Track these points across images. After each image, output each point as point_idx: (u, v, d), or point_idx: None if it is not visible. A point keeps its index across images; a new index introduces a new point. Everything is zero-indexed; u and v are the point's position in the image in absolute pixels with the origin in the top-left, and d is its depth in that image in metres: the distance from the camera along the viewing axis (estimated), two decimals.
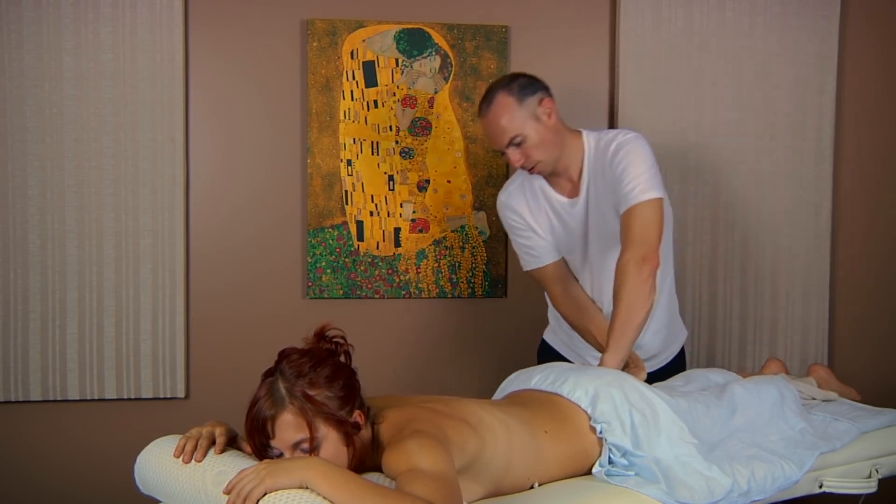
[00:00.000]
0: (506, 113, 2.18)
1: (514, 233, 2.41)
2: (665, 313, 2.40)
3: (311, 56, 2.83)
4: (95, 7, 2.72)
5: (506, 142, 2.20)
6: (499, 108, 2.19)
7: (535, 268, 2.41)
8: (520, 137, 2.19)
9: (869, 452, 2.14)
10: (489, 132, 2.23)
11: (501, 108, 2.19)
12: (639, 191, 2.15)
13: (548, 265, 2.39)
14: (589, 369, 1.98)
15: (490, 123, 2.21)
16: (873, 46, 3.15)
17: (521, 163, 2.22)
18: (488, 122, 2.21)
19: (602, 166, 2.25)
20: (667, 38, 2.99)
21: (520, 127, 2.18)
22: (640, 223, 2.14)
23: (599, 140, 2.28)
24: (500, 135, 2.20)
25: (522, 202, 2.37)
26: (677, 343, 2.51)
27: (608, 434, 1.80)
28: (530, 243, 2.38)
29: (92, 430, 2.82)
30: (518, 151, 2.20)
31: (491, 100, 2.21)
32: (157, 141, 2.77)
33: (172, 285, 2.80)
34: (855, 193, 3.17)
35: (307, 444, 1.49)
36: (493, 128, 2.21)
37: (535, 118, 2.20)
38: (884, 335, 3.21)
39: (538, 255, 2.39)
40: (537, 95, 2.21)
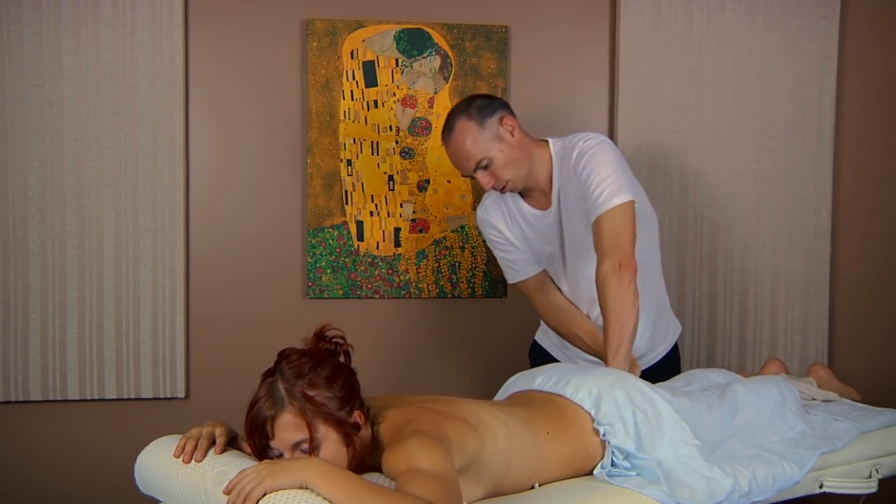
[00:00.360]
0: (468, 138, 2.16)
1: (495, 247, 2.42)
2: (652, 313, 2.39)
3: (311, 56, 2.83)
4: (95, 7, 2.72)
5: (472, 167, 2.18)
6: (460, 134, 2.17)
7: (518, 281, 2.41)
8: (486, 160, 2.17)
9: (869, 452, 2.14)
10: (454, 159, 2.21)
11: (463, 134, 2.17)
12: (605, 197, 2.12)
13: (529, 278, 2.39)
14: (592, 370, 1.97)
15: (454, 151, 2.19)
16: (873, 46, 3.15)
17: (492, 184, 2.20)
18: (452, 149, 2.20)
19: (568, 174, 2.23)
20: (667, 38, 2.99)
21: (484, 150, 2.17)
22: (611, 231, 2.11)
23: (563, 146, 2.26)
24: (465, 161, 2.18)
25: (499, 216, 2.37)
26: (668, 340, 2.50)
27: (611, 436, 1.80)
28: (510, 257, 2.39)
29: (92, 430, 2.82)
30: (486, 174, 2.19)
31: (451, 127, 2.19)
32: (157, 141, 2.77)
33: (172, 285, 2.80)
34: (855, 193, 3.17)
35: (307, 445, 1.49)
36: (457, 154, 2.19)
37: (498, 139, 2.18)
38: (884, 335, 3.21)
39: (519, 269, 2.39)
40: (497, 115, 2.19)
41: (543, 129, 2.99)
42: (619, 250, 2.09)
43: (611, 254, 2.09)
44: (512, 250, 2.38)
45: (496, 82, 2.92)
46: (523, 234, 2.35)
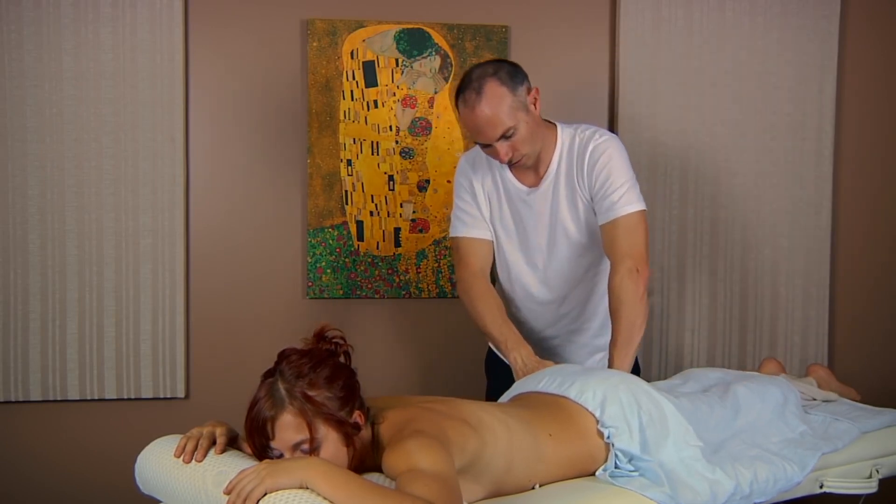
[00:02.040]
0: (499, 104, 2.02)
1: (458, 194, 2.29)
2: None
3: (311, 56, 2.83)
4: (95, 7, 2.72)
5: (498, 135, 2.04)
6: (492, 98, 2.02)
7: (461, 235, 2.28)
8: (512, 130, 2.04)
9: (869, 452, 2.14)
10: (477, 125, 2.04)
11: (494, 99, 2.02)
12: (624, 201, 2.10)
13: (475, 238, 2.27)
14: (596, 371, 1.97)
15: (479, 116, 2.03)
16: (873, 46, 3.15)
17: (509, 156, 2.08)
18: (477, 114, 2.03)
19: (574, 163, 2.16)
20: (667, 38, 2.99)
21: (513, 119, 2.03)
22: (628, 235, 2.09)
23: (574, 136, 2.19)
24: (491, 127, 2.03)
25: (481, 173, 2.26)
26: None
27: (616, 439, 1.79)
28: (468, 210, 2.27)
29: (92, 430, 2.82)
30: (508, 145, 2.06)
31: (481, 90, 2.02)
32: (157, 141, 2.77)
33: (172, 285, 2.80)
34: (855, 193, 3.17)
35: (307, 445, 1.49)
36: (483, 120, 2.03)
37: (525, 109, 2.06)
38: (884, 335, 3.21)
39: (470, 224, 2.27)
40: (525, 84, 2.08)
41: None
42: (635, 255, 2.07)
43: (627, 258, 2.07)
44: (473, 205, 2.26)
45: None
46: (499, 203, 2.25)
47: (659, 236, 3.01)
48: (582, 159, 2.15)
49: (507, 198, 2.24)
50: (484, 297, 2.22)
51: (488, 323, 2.20)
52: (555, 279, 2.27)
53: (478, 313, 2.22)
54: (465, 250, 2.27)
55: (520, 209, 2.23)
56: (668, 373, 3.02)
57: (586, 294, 2.31)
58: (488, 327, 2.21)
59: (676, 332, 3.05)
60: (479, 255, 2.27)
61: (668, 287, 3.03)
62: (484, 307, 2.21)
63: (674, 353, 3.05)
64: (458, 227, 2.29)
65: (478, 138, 2.08)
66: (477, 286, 2.23)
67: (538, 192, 2.20)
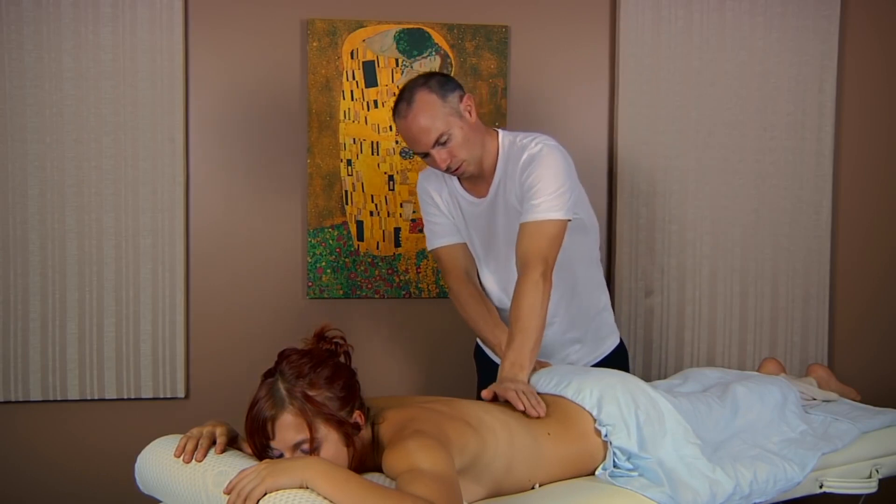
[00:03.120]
0: (430, 111, 2.06)
1: (426, 211, 2.35)
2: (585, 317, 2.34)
3: (311, 56, 2.83)
4: (95, 7, 2.72)
5: (431, 142, 2.07)
6: (421, 106, 2.06)
7: (439, 246, 2.32)
8: (446, 136, 2.07)
9: (869, 452, 2.14)
10: (411, 134, 2.09)
11: (424, 106, 2.06)
12: (545, 207, 2.08)
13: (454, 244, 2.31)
14: (593, 371, 1.97)
15: (412, 124, 2.07)
16: (873, 46, 3.15)
17: (447, 163, 2.10)
18: (410, 122, 2.07)
19: (512, 172, 2.17)
20: (667, 38, 2.99)
21: (445, 125, 2.07)
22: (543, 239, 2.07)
23: (514, 143, 2.19)
24: (424, 135, 2.07)
25: (436, 186, 2.30)
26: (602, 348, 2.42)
27: (613, 437, 1.80)
28: (437, 220, 2.31)
29: (92, 430, 2.82)
30: (444, 151, 2.09)
31: (411, 99, 2.07)
32: (157, 141, 2.77)
33: (172, 285, 2.80)
34: (855, 193, 3.17)
35: (307, 445, 1.49)
36: (415, 128, 2.07)
37: (458, 115, 2.09)
38: (884, 335, 3.21)
39: (442, 234, 2.31)
40: (457, 92, 2.11)
41: (543, 129, 2.99)
42: (546, 261, 2.05)
43: (538, 262, 2.04)
44: (439, 215, 2.31)
45: (496, 82, 2.92)
46: (451, 213, 2.31)
47: (659, 236, 3.01)
48: (516, 165, 2.15)
49: (461, 210, 2.29)
50: (473, 303, 2.29)
51: (482, 328, 2.28)
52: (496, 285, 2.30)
53: (471, 319, 2.30)
54: (445, 259, 2.33)
55: (475, 220, 2.27)
56: (668, 373, 3.02)
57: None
58: (482, 332, 2.29)
59: (676, 332, 3.05)
60: (460, 259, 2.32)
61: (668, 287, 3.03)
62: (475, 313, 2.29)
63: (674, 353, 3.06)
64: (432, 239, 2.34)
65: (415, 147, 2.12)
66: (465, 293, 2.30)
67: (486, 202, 2.23)
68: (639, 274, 3.02)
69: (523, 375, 1.95)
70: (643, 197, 3.00)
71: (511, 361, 1.97)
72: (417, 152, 2.13)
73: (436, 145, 2.08)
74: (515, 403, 1.82)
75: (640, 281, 3.02)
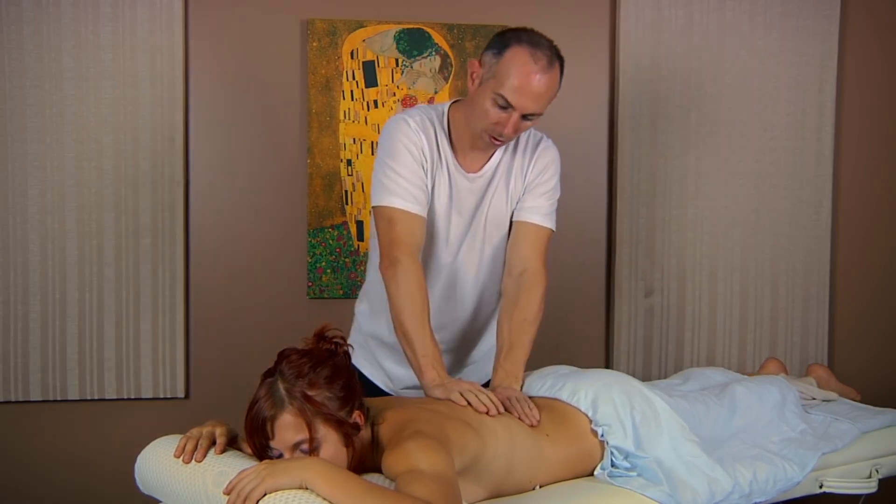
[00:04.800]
0: (553, 88, 1.87)
1: (399, 159, 1.93)
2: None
3: (311, 56, 2.83)
4: (95, 7, 2.72)
5: (531, 110, 1.85)
6: (553, 78, 1.85)
7: (400, 207, 1.91)
8: (537, 116, 1.89)
9: (869, 452, 2.14)
10: (529, 87, 1.82)
11: (554, 81, 1.86)
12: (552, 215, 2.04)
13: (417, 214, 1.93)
14: (586, 373, 1.97)
15: (539, 82, 1.83)
16: (873, 46, 3.15)
17: (511, 133, 1.89)
18: (538, 79, 1.82)
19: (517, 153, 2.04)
20: (667, 38, 2.99)
21: (546, 107, 1.89)
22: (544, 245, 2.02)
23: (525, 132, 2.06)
24: (534, 101, 1.84)
25: (428, 143, 1.96)
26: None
27: (609, 437, 1.80)
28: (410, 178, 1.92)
29: (92, 430, 2.82)
30: (524, 124, 1.89)
31: (552, 63, 1.85)
32: (157, 141, 2.77)
33: (172, 285, 2.80)
34: (855, 193, 3.17)
35: (307, 445, 1.49)
36: (536, 88, 1.83)
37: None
38: (884, 335, 3.21)
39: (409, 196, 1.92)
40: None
41: (542, 129, 2.99)
42: (544, 266, 2.01)
43: (544, 271, 2.00)
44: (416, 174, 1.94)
45: None
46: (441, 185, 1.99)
47: (659, 236, 3.02)
48: (530, 151, 2.04)
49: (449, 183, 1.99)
50: (418, 292, 1.88)
51: (410, 326, 1.86)
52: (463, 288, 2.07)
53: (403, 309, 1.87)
54: (401, 225, 1.91)
55: (464, 198, 2.01)
56: (668, 373, 3.02)
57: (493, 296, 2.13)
58: (409, 331, 1.86)
59: (676, 332, 3.05)
60: (418, 233, 1.93)
61: (668, 287, 3.03)
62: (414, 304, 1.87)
63: (674, 353, 3.06)
64: (391, 195, 1.91)
65: (513, 97, 1.83)
66: (413, 274, 1.87)
67: (482, 179, 2.00)
68: (639, 274, 3.02)
69: (517, 385, 1.90)
70: (643, 197, 3.00)
71: (506, 371, 1.90)
72: (504, 97, 1.83)
73: (526, 117, 1.87)
74: (510, 410, 1.79)
75: (640, 281, 3.02)
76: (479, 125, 1.91)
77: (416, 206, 1.92)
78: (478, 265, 2.06)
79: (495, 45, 1.88)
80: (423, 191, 1.94)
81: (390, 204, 1.91)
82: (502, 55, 1.85)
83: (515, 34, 1.88)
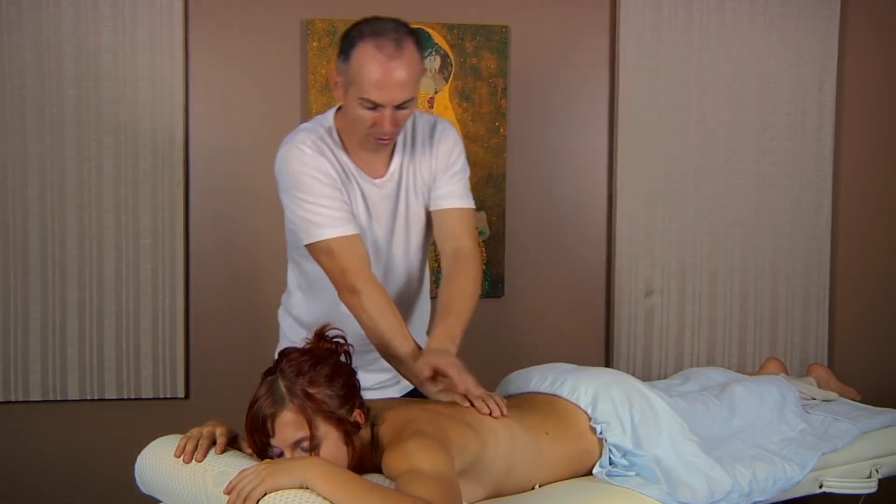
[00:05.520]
0: (415, 70, 1.78)
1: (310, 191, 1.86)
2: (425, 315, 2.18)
3: (311, 56, 2.83)
4: (95, 7, 2.72)
5: (399, 101, 1.77)
6: (411, 59, 1.77)
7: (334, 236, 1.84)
8: (409, 102, 1.79)
9: (869, 452, 2.14)
10: (386, 80, 1.74)
11: (412, 60, 1.77)
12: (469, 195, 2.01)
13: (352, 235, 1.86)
14: (588, 370, 1.97)
15: (394, 72, 1.74)
16: (873, 46, 3.15)
17: (393, 131, 1.81)
18: (392, 68, 1.74)
19: (418, 144, 1.97)
20: (667, 38, 2.99)
21: (415, 90, 1.79)
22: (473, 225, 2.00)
23: (416, 119, 1.99)
24: (399, 90, 1.76)
25: (328, 161, 1.89)
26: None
27: (608, 434, 1.80)
28: (331, 204, 1.86)
29: (92, 430, 2.82)
30: (399, 115, 1.80)
31: (401, 45, 1.76)
32: (157, 141, 2.77)
33: (172, 285, 2.80)
34: (855, 193, 3.17)
35: (307, 443, 1.49)
36: (395, 78, 1.75)
37: (419, 84, 1.84)
38: (884, 335, 3.21)
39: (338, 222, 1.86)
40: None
41: (542, 129, 3.00)
42: (476, 244, 1.98)
43: (476, 250, 1.97)
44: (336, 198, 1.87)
45: (496, 82, 2.92)
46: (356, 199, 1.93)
47: (659, 236, 3.02)
48: (428, 141, 1.97)
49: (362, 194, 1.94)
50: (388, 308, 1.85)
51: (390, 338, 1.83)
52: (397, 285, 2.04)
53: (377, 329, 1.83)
54: (344, 253, 1.84)
55: (379, 205, 1.95)
56: (668, 373, 3.02)
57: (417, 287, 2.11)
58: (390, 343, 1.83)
59: (676, 332, 3.05)
60: (362, 252, 1.88)
61: (668, 287, 3.03)
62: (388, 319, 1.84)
63: (674, 353, 3.06)
64: (320, 229, 1.85)
65: (374, 93, 1.76)
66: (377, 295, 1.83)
67: (390, 183, 1.95)
68: (639, 274, 3.02)
69: (453, 349, 1.80)
70: (643, 197, 3.00)
71: (440, 337, 1.81)
72: (370, 99, 1.77)
73: (399, 108, 1.79)
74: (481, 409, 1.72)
75: (640, 281, 3.02)
76: (360, 131, 1.85)
77: (348, 226, 1.86)
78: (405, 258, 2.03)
79: (343, 49, 1.82)
80: (346, 209, 1.88)
81: (322, 237, 1.85)
82: (350, 58, 1.79)
83: (357, 30, 1.80)
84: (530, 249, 3.01)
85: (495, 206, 2.95)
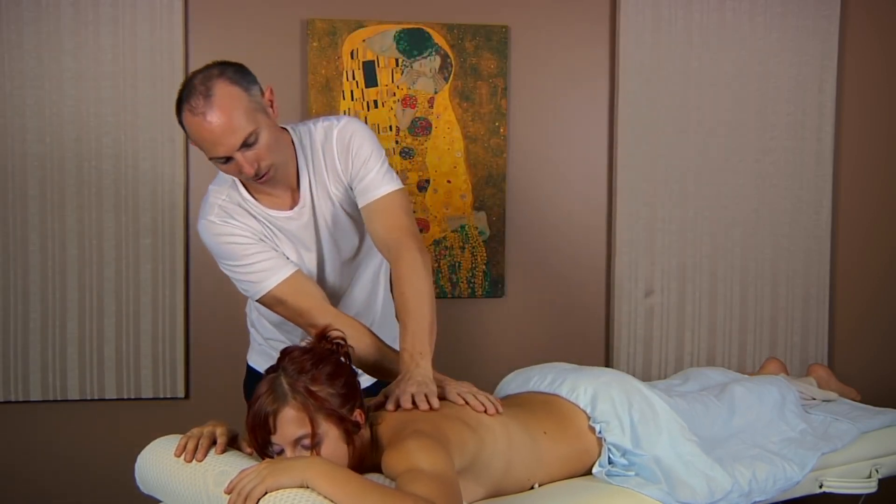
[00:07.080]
0: (236, 106, 1.73)
1: (238, 256, 1.88)
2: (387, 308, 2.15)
3: (311, 56, 2.83)
4: (95, 7, 2.72)
5: (238, 143, 1.73)
6: (224, 100, 1.72)
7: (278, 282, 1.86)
8: (254, 136, 1.74)
9: (869, 452, 2.14)
10: (212, 135, 1.72)
11: (228, 101, 1.72)
12: (388, 178, 1.90)
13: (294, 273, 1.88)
14: (587, 369, 1.97)
15: (213, 122, 1.71)
16: (873, 46, 3.15)
17: (255, 168, 1.77)
18: (210, 120, 1.71)
19: (320, 163, 1.92)
20: (667, 38, 2.99)
21: (252, 122, 1.74)
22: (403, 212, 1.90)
23: (311, 132, 1.94)
24: (229, 136, 1.72)
25: (241, 220, 1.89)
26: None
27: (607, 433, 1.81)
28: (262, 257, 1.87)
29: (92, 430, 2.82)
30: (252, 153, 1.75)
31: (209, 91, 1.72)
32: (157, 141, 2.77)
33: (172, 285, 2.80)
34: (855, 193, 3.17)
35: (308, 441, 1.49)
36: (217, 127, 1.71)
37: (263, 111, 1.79)
38: (884, 335, 3.21)
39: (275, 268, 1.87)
40: (257, 84, 1.82)
41: (542, 129, 3.00)
42: (414, 235, 1.87)
43: (408, 238, 1.86)
44: (263, 250, 1.88)
45: (496, 82, 2.92)
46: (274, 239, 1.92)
47: (659, 236, 3.02)
48: (324, 154, 1.92)
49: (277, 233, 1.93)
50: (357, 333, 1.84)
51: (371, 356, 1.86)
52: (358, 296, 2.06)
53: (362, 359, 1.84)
54: (295, 295, 1.87)
55: (298, 235, 1.94)
56: (668, 373, 3.02)
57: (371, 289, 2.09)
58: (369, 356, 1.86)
59: (676, 332, 3.05)
60: (311, 287, 1.89)
61: (668, 287, 3.03)
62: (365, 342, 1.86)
63: (674, 353, 3.06)
64: (263, 280, 1.87)
65: (214, 151, 1.75)
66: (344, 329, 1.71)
67: (304, 211, 1.93)
68: (639, 274, 3.02)
69: (426, 364, 1.74)
70: (643, 197, 3.00)
71: (409, 353, 1.75)
72: (215, 157, 1.76)
73: (242, 147, 1.74)
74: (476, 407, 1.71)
75: (640, 281, 3.02)
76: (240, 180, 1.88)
77: (285, 268, 1.87)
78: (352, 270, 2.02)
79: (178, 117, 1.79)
80: (275, 254, 1.89)
81: (267, 289, 1.87)
82: (183, 125, 1.78)
83: (179, 96, 1.78)
84: (530, 249, 3.01)
85: (495, 206, 2.95)
